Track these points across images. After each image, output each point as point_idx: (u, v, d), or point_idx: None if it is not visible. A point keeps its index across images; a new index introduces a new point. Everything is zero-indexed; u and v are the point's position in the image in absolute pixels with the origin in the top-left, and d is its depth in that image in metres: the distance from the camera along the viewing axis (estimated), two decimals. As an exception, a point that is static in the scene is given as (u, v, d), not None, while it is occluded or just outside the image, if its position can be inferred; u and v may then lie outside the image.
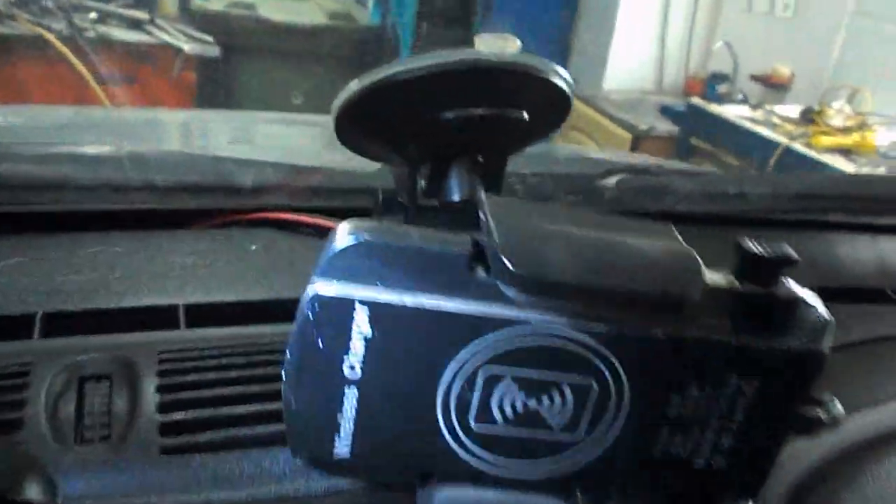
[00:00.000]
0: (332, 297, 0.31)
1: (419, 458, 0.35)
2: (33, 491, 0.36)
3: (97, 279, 0.50)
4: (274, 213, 0.59)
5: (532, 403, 0.34)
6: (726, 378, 0.34)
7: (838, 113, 2.80)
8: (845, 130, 2.73)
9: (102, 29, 3.45)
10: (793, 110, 2.84)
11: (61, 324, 0.47)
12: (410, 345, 0.32)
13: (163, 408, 0.41)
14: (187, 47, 3.42)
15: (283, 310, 0.52)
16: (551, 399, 0.34)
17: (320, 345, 0.32)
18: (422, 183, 0.46)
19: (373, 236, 0.31)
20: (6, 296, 0.47)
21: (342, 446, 0.34)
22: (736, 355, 0.33)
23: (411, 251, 0.31)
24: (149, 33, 3.49)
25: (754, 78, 3.23)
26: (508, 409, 0.34)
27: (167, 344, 0.45)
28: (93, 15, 3.56)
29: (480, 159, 0.45)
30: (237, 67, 3.60)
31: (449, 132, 0.43)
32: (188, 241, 0.55)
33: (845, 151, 2.64)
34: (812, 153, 2.62)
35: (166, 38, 3.47)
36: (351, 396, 0.33)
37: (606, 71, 3.71)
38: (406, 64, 0.42)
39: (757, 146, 2.70)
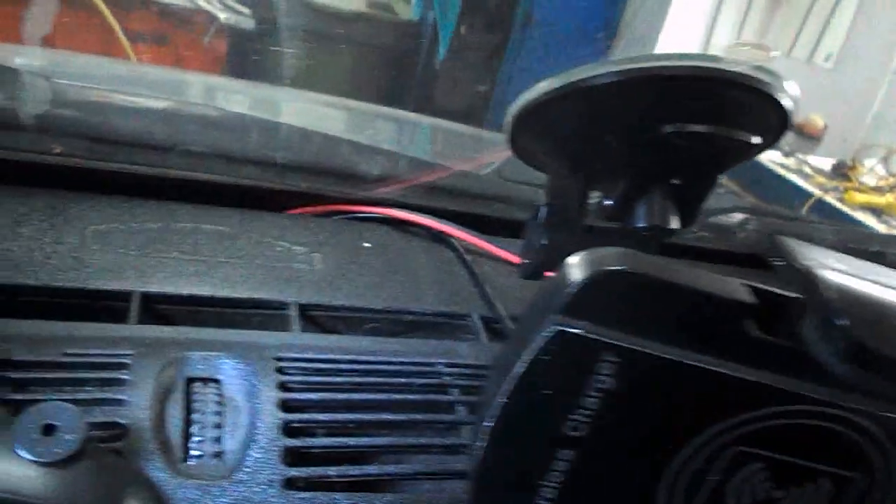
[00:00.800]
0: (578, 337, 0.25)
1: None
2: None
3: (200, 260, 0.43)
4: (387, 210, 0.52)
5: (778, 494, 0.28)
6: None
7: (871, 172, 2.76)
8: (878, 190, 2.69)
9: (140, -12, 3.39)
10: (825, 162, 2.80)
11: (158, 309, 0.40)
12: (656, 407, 0.26)
13: (287, 429, 0.34)
14: (223, 16, 3.36)
15: (402, 323, 0.45)
16: (802, 490, 0.28)
17: (547, 393, 0.26)
18: (602, 202, 0.40)
19: (633, 267, 0.25)
20: (97, 267, 0.40)
21: (535, 515, 0.28)
22: None
23: (683, 291, 0.25)
24: (187, -2, 3.43)
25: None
26: (747, 499, 0.28)
27: (282, 348, 0.38)
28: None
29: (676, 182, 0.39)
30: (269, 43, 3.53)
31: (656, 149, 0.37)
32: (297, 228, 0.48)
33: (877, 211, 2.60)
34: (844, 208, 2.58)
35: (202, 3, 3.40)
36: (563, 460, 0.27)
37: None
38: (612, 66, 0.36)
39: (788, 194, 2.66)
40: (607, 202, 0.39)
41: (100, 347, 0.35)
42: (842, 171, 2.70)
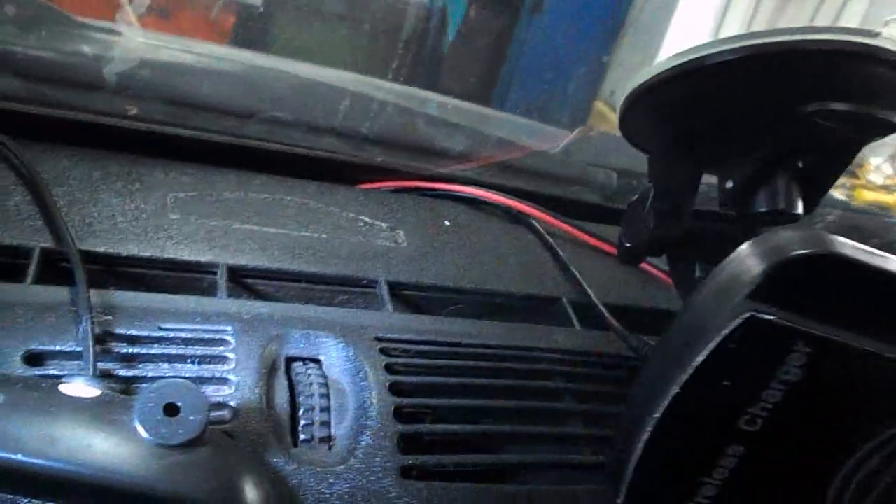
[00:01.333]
0: (770, 325, 0.23)
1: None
2: (254, 499, 0.27)
3: (283, 234, 0.41)
4: (464, 188, 0.50)
5: (953, 498, 0.26)
6: None
7: (877, 170, 2.75)
8: (886, 188, 2.69)
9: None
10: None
11: (245, 283, 0.38)
12: (840, 402, 0.24)
13: (399, 414, 0.32)
14: (230, -9, 3.31)
15: (489, 305, 0.43)
16: (980, 497, 0.26)
17: (727, 384, 0.24)
18: (723, 186, 0.37)
19: (829, 250, 0.23)
20: (180, 237, 0.38)
21: (691, 515, 0.26)
22: None
23: (884, 277, 0.23)
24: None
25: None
26: (919, 502, 0.26)
27: (380, 329, 0.36)
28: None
29: (800, 165, 0.37)
30: (276, 20, 3.48)
31: (789, 129, 0.34)
32: (375, 204, 0.46)
33: (885, 209, 2.60)
34: (854, 205, 2.57)
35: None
36: (734, 454, 0.25)
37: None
38: (742, 41, 0.33)
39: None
40: (728, 185, 0.37)
41: (196, 322, 0.33)
42: (849, 169, 2.70)
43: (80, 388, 0.27)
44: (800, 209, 0.37)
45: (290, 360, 0.34)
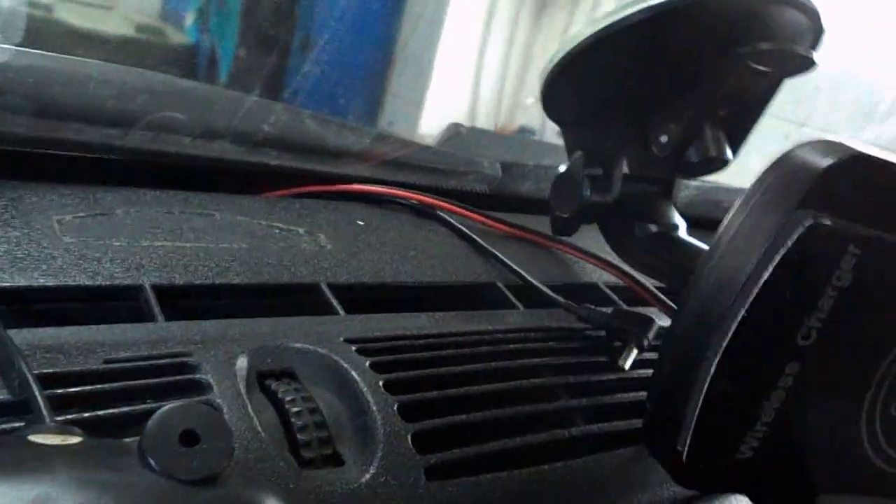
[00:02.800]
0: (828, 230, 0.23)
1: (824, 455, 0.27)
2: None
3: (199, 247, 0.36)
4: (367, 187, 0.47)
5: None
6: None
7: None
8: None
9: None
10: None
11: (173, 304, 0.33)
12: (881, 301, 0.25)
13: (405, 413, 0.29)
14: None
15: (429, 298, 0.41)
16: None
17: (787, 300, 0.23)
18: (658, 141, 0.38)
19: (869, 152, 0.24)
20: (91, 259, 0.32)
21: (751, 443, 0.26)
22: None
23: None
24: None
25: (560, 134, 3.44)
26: (937, 393, 0.27)
27: (345, 331, 0.33)
28: None
29: (722, 115, 0.38)
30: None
31: (712, 78, 0.36)
32: (283, 211, 0.42)
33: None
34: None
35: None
36: (791, 373, 0.25)
37: (422, 115, 3.76)
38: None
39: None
40: (663, 139, 0.38)
41: (144, 351, 0.28)
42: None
43: (51, 437, 0.21)
44: (729, 155, 0.39)
45: (261, 377, 0.29)
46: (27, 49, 0.38)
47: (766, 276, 0.23)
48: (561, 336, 0.39)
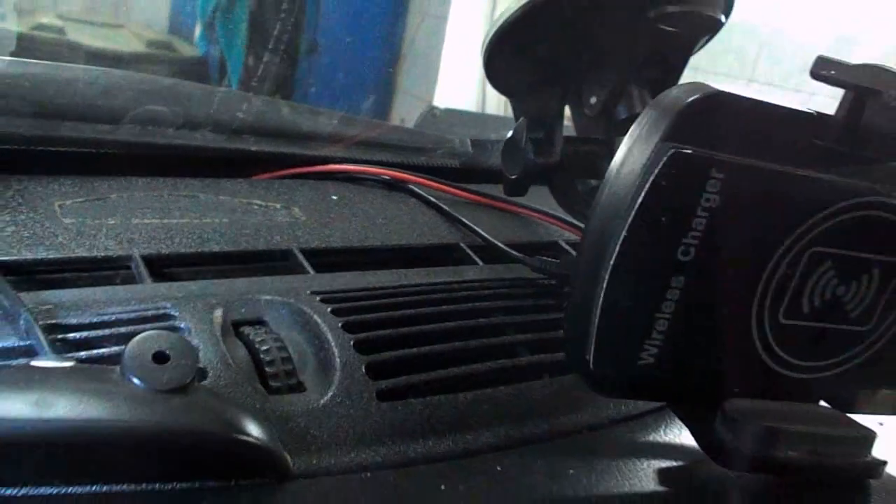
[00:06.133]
0: (690, 157, 0.27)
1: (718, 361, 0.31)
2: (257, 433, 0.27)
3: (184, 223, 0.40)
4: (340, 166, 0.52)
5: (840, 290, 0.31)
6: None
7: None
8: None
9: None
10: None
11: (163, 271, 0.37)
12: (752, 219, 0.29)
13: (360, 348, 0.33)
14: (-16, 71, 3.06)
15: (398, 260, 0.45)
16: (859, 283, 0.32)
17: (662, 220, 0.28)
18: (589, 102, 0.42)
19: (723, 91, 0.28)
20: (88, 236, 0.37)
21: (650, 350, 0.30)
22: None
23: (769, 110, 0.28)
24: (-66, 55, 3.09)
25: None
26: (817, 299, 0.31)
27: (313, 286, 0.37)
28: None
29: (649, 75, 0.42)
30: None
31: (635, 38, 0.40)
32: (263, 190, 0.47)
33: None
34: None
35: (-44, 60, 3.07)
36: (676, 286, 0.29)
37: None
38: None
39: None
40: (592, 101, 0.42)
41: (132, 305, 0.32)
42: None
43: (51, 363, 0.26)
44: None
45: (236, 325, 0.34)
46: (23, 59, 0.43)
47: (639, 201, 0.27)
48: (514, 284, 0.43)
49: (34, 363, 0.25)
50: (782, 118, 0.29)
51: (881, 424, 0.39)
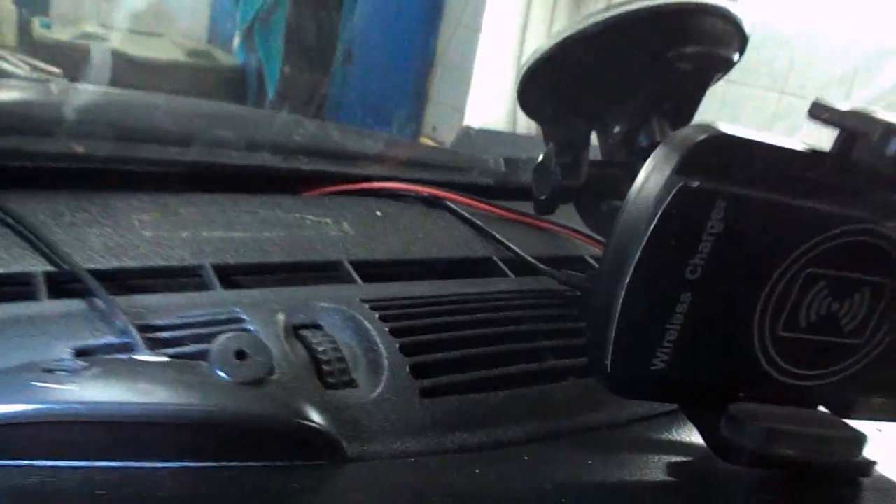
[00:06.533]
0: (696, 189, 0.31)
1: (724, 369, 0.35)
2: (318, 421, 0.32)
3: (249, 237, 0.45)
4: (385, 184, 0.56)
5: (835, 306, 0.35)
6: None
7: None
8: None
9: (-72, 57, 3.13)
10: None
11: (229, 279, 0.42)
12: (752, 242, 0.33)
13: (405, 350, 0.38)
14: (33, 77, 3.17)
15: (434, 272, 0.50)
16: (851, 301, 0.35)
17: (672, 244, 0.32)
18: (612, 132, 0.46)
19: (729, 130, 0.32)
20: (165, 247, 0.42)
21: (661, 357, 0.34)
22: None
23: (770, 148, 0.32)
24: (-14, 64, 3.21)
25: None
26: (815, 314, 0.35)
27: (361, 295, 0.42)
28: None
29: (667, 107, 0.46)
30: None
31: (655, 76, 0.44)
32: (314, 206, 0.51)
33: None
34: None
35: (7, 67, 3.19)
36: (685, 301, 0.33)
37: (465, 118, 3.85)
38: (612, 11, 0.43)
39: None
40: (616, 130, 0.46)
41: (207, 310, 0.37)
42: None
43: (149, 357, 0.30)
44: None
45: (296, 328, 0.38)
46: (106, 88, 0.48)
47: (652, 226, 0.31)
48: (541, 295, 0.47)
49: (136, 357, 0.30)
50: (780, 154, 0.32)
51: (880, 431, 0.43)
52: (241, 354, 0.30)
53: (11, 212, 0.40)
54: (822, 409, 0.39)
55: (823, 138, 0.34)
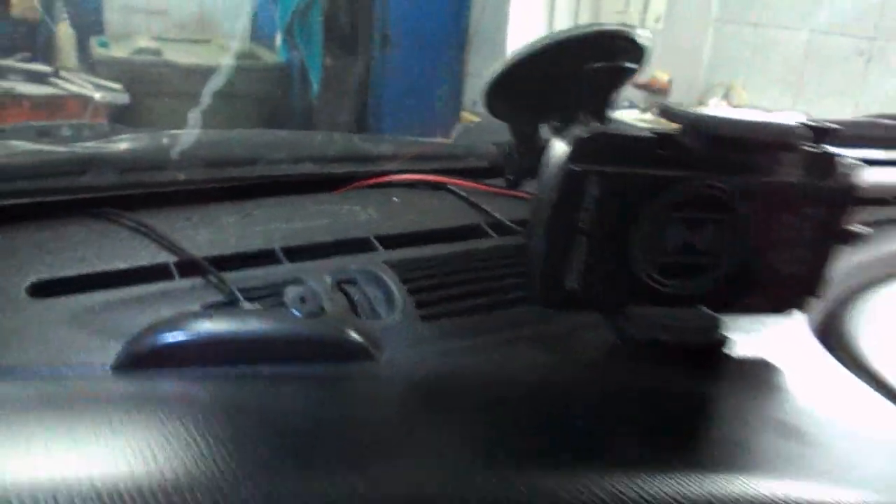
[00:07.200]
0: (580, 172, 0.49)
1: (620, 286, 0.53)
2: (356, 337, 0.51)
3: (298, 226, 0.65)
4: (404, 176, 0.75)
5: (691, 236, 0.52)
6: (802, 207, 0.53)
7: (716, 108, 3.20)
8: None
9: (5, 85, 3.42)
10: (677, 108, 3.22)
11: (298, 255, 0.62)
12: (624, 199, 0.50)
13: (411, 292, 0.57)
14: (97, 95, 3.44)
15: (440, 238, 0.68)
16: (703, 232, 0.53)
17: (566, 207, 0.50)
18: (555, 125, 0.64)
19: (601, 130, 0.49)
20: (246, 239, 0.62)
21: (573, 281, 0.52)
22: (809, 191, 0.53)
23: (625, 138, 0.49)
24: (54, 85, 3.49)
25: (637, 86, 3.60)
26: (677, 243, 0.52)
27: (383, 258, 0.61)
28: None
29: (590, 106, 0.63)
30: (148, 112, 3.64)
31: (584, 84, 0.61)
32: (343, 200, 0.71)
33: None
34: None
35: (74, 88, 3.47)
36: (582, 243, 0.51)
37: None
38: (554, 36, 0.60)
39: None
40: (556, 125, 0.64)
41: (279, 276, 0.57)
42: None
43: (249, 306, 0.50)
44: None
45: (339, 283, 0.58)
46: (195, 130, 0.68)
47: (555, 195, 0.49)
48: (513, 249, 0.65)
49: (242, 306, 0.50)
50: (638, 140, 0.50)
51: (763, 324, 0.60)
52: (303, 300, 0.49)
53: (146, 223, 0.60)
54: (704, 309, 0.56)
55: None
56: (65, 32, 3.70)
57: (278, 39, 3.91)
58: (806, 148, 0.53)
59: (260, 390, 0.44)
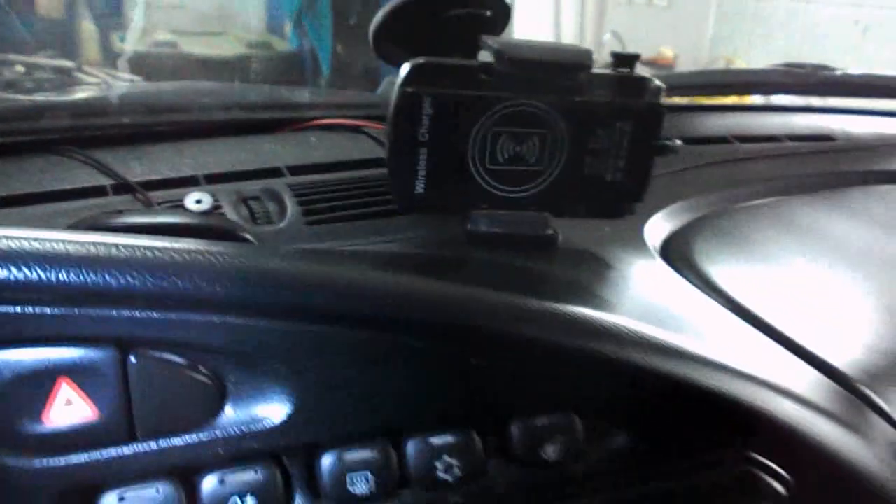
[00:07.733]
0: (413, 93, 0.60)
1: (462, 191, 0.65)
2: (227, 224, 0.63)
3: (232, 160, 0.78)
4: (325, 120, 0.88)
5: (519, 148, 0.64)
6: (615, 123, 0.65)
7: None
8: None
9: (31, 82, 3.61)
10: (677, 82, 3.28)
11: (217, 180, 0.74)
12: (455, 117, 0.62)
13: (300, 203, 0.69)
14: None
15: (349, 165, 0.80)
16: (529, 144, 0.64)
17: (406, 123, 0.61)
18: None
19: (432, 59, 0.61)
20: (181, 167, 0.75)
21: (419, 186, 0.64)
22: (619, 109, 0.64)
23: (452, 65, 0.61)
24: (78, 80, 3.67)
25: (643, 62, 3.67)
26: (507, 153, 0.64)
27: (287, 182, 0.73)
28: (19, 68, 3.72)
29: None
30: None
31: (450, 30, 0.73)
32: (281, 139, 0.84)
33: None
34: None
35: (95, 81, 3.65)
36: (423, 153, 0.63)
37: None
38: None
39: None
40: (431, 66, 0.75)
41: (200, 193, 0.70)
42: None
43: (166, 210, 0.63)
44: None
45: (244, 199, 0.70)
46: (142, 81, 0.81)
47: (397, 113, 0.61)
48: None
49: (156, 208, 0.63)
50: (465, 66, 0.61)
51: (607, 228, 0.72)
52: (199, 202, 0.62)
53: (94, 157, 0.73)
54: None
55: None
56: (89, 29, 3.89)
57: (288, 29, 4.05)
58: (617, 72, 0.64)
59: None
